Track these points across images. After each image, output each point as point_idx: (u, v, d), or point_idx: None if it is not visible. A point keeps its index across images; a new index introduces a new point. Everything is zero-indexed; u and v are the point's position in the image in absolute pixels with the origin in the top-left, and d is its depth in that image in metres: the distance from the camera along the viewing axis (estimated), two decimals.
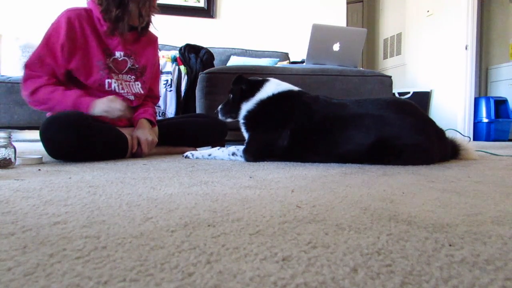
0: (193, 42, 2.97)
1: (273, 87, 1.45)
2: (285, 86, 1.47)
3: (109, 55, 1.53)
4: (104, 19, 1.48)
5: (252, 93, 1.46)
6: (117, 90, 1.55)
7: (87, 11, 1.49)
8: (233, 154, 1.46)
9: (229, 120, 1.57)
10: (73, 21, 1.45)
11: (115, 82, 1.53)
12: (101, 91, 1.51)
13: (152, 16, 1.60)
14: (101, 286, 0.31)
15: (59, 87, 1.42)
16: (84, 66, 1.48)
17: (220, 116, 1.59)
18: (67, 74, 1.49)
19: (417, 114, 1.31)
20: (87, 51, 1.48)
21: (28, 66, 1.41)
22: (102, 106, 1.41)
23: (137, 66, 1.62)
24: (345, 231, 0.48)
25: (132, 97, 1.61)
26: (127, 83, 1.59)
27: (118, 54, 1.56)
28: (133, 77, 1.62)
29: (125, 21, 1.48)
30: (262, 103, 1.42)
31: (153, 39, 1.74)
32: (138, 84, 1.63)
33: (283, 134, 1.35)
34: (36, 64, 1.41)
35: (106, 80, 1.51)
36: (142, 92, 1.65)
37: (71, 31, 1.44)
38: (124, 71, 1.58)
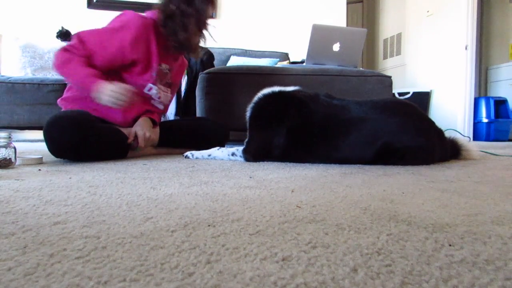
0: None
1: (266, 90, 1.47)
2: (278, 88, 1.47)
3: (160, 65, 1.60)
4: (169, 39, 1.54)
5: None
6: (153, 97, 1.64)
7: (154, 20, 1.54)
8: (233, 154, 1.47)
9: None
10: (143, 30, 1.49)
11: (156, 90, 1.62)
12: (139, 92, 1.56)
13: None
14: (101, 286, 0.31)
15: (84, 62, 1.41)
16: (141, 66, 1.54)
17: None
18: (116, 75, 1.53)
19: (417, 116, 1.31)
20: (149, 58, 1.54)
21: (80, 37, 1.42)
22: (109, 93, 1.35)
23: (170, 81, 1.72)
24: (345, 231, 0.48)
25: (162, 106, 1.72)
26: (164, 93, 1.70)
27: (164, 65, 1.63)
28: (169, 89, 1.73)
29: (191, 42, 1.57)
30: (256, 104, 1.44)
31: (185, 63, 1.87)
32: (169, 97, 1.76)
33: (279, 132, 1.35)
34: (88, 41, 1.42)
35: (149, 84, 1.59)
36: (168, 104, 1.79)
37: (139, 40, 1.48)
38: (163, 82, 1.67)
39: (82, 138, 1.29)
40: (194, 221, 0.52)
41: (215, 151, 1.52)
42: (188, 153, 1.56)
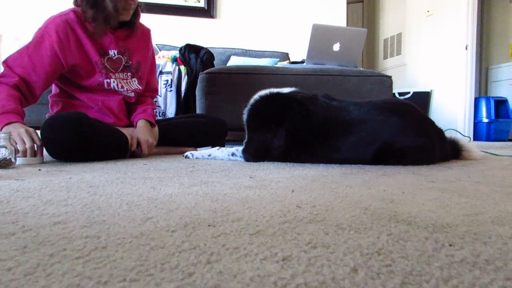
0: (193, 42, 2.97)
1: (263, 91, 1.46)
2: (276, 89, 1.46)
3: (103, 55, 1.51)
4: (85, 20, 1.44)
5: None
6: (116, 89, 1.56)
7: (75, 12, 1.45)
8: (233, 154, 1.47)
9: None
10: (65, 29, 1.41)
11: (114, 82, 1.54)
12: (101, 91, 1.52)
13: (139, 10, 1.57)
14: (101, 286, 0.31)
15: (7, 89, 1.32)
16: (84, 69, 1.47)
17: None
18: (62, 78, 1.49)
19: (417, 116, 1.31)
20: (83, 53, 1.46)
21: (7, 64, 1.36)
22: (14, 133, 1.23)
23: (131, 63, 1.61)
24: (345, 231, 0.48)
25: (132, 94, 1.63)
26: (125, 80, 1.59)
27: (112, 52, 1.54)
28: (129, 74, 1.61)
29: (101, 21, 1.43)
30: (253, 106, 1.43)
31: (146, 32, 1.70)
32: (135, 81, 1.63)
33: (278, 133, 1.35)
34: (15, 66, 1.36)
35: (105, 80, 1.52)
36: (140, 87, 1.66)
37: (66, 41, 1.41)
38: (120, 69, 1.57)
39: (79, 138, 1.27)
40: (194, 221, 0.52)
41: (215, 151, 1.52)
42: (188, 153, 1.56)
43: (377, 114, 1.27)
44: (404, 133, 1.25)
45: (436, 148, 1.30)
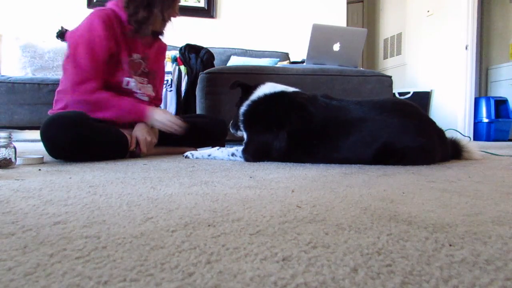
0: (193, 42, 2.97)
1: (266, 88, 1.45)
2: (279, 87, 1.45)
3: (129, 56, 1.58)
4: (129, 21, 1.51)
5: (246, 96, 1.47)
6: (134, 90, 1.61)
7: (113, 11, 1.52)
8: (233, 154, 1.46)
9: (239, 133, 1.54)
10: (108, 21, 1.48)
11: (133, 82, 1.60)
12: (119, 89, 1.56)
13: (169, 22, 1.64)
14: (101, 286, 0.31)
15: (109, 93, 1.48)
16: (115, 64, 1.53)
17: (231, 130, 1.60)
18: None
19: (418, 116, 1.31)
20: (118, 49, 1.53)
21: (81, 67, 1.43)
22: (162, 116, 1.52)
23: (148, 70, 1.68)
24: (345, 231, 0.48)
25: (146, 98, 1.68)
26: (142, 84, 1.66)
27: (136, 56, 1.61)
28: (146, 79, 1.68)
29: (149, 24, 1.53)
30: (254, 103, 1.42)
31: (163, 47, 1.81)
32: (150, 87, 1.70)
33: (279, 135, 1.34)
34: (89, 68, 1.44)
35: (126, 78, 1.57)
36: (153, 94, 1.73)
37: (110, 31, 1.47)
38: (138, 73, 1.64)
39: (79, 137, 1.28)
40: (194, 221, 0.52)
41: (215, 151, 1.52)
42: (188, 153, 1.56)
43: (377, 114, 1.27)
44: (404, 134, 1.24)
45: (436, 148, 1.30)
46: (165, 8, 1.53)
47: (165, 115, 1.54)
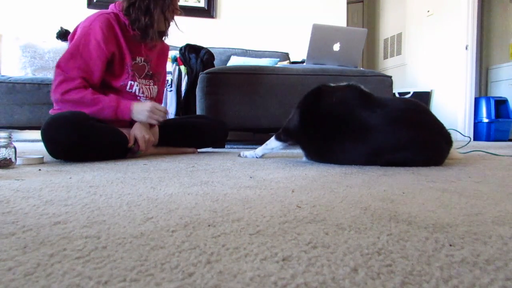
0: (193, 42, 2.97)
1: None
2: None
3: (133, 59, 1.58)
4: (133, 28, 1.51)
5: None
6: (137, 93, 1.61)
7: (115, 14, 1.52)
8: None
9: None
10: (108, 25, 1.47)
11: (137, 85, 1.60)
12: (120, 93, 1.56)
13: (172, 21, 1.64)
14: (101, 286, 0.31)
15: (89, 90, 1.44)
16: (118, 68, 1.53)
17: None
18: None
19: (430, 125, 1.25)
20: (121, 53, 1.53)
21: (62, 68, 1.42)
22: (145, 110, 1.48)
23: (151, 72, 1.68)
24: (345, 231, 0.48)
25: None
26: (147, 86, 1.66)
27: (139, 59, 1.61)
28: (151, 81, 1.68)
29: (155, 28, 1.52)
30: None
31: (166, 48, 1.80)
32: (155, 88, 1.71)
33: (296, 113, 1.37)
34: (71, 68, 1.42)
35: (130, 82, 1.57)
36: (156, 96, 1.74)
37: (109, 35, 1.47)
38: (143, 76, 1.64)
39: (79, 137, 1.28)
40: (194, 221, 0.52)
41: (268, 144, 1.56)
42: (241, 153, 1.63)
43: (387, 122, 1.20)
44: (411, 148, 1.20)
45: (444, 156, 1.28)
46: (165, 7, 1.53)
47: (142, 106, 1.49)
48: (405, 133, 1.20)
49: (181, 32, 1.67)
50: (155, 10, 1.49)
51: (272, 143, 1.49)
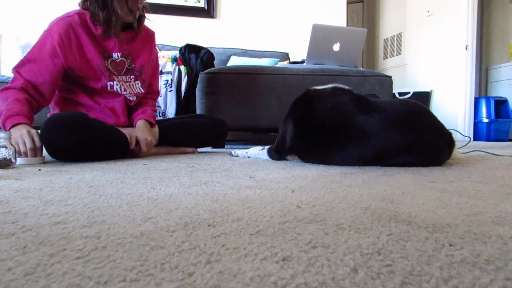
0: (193, 42, 2.97)
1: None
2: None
3: (107, 57, 1.53)
4: (94, 24, 1.47)
5: None
6: (119, 92, 1.57)
7: (80, 15, 1.47)
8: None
9: None
10: (67, 30, 1.44)
11: (117, 84, 1.56)
12: (104, 93, 1.54)
13: (144, 11, 1.58)
14: (101, 286, 0.31)
15: (13, 93, 1.36)
16: (85, 72, 1.49)
17: None
18: (66, 78, 1.50)
19: (429, 127, 1.23)
20: (85, 57, 1.48)
21: (15, 71, 1.42)
22: (18, 134, 1.25)
23: (133, 66, 1.63)
24: (345, 231, 0.48)
25: (134, 98, 1.64)
26: (128, 83, 1.61)
27: (116, 55, 1.55)
28: (132, 77, 1.62)
29: (114, 21, 1.45)
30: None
31: (150, 35, 1.71)
32: (138, 84, 1.65)
33: (288, 125, 1.34)
34: (22, 71, 1.41)
35: (109, 83, 1.53)
36: (143, 91, 1.68)
37: (66, 41, 1.43)
38: (123, 72, 1.59)
39: (79, 138, 1.27)
40: (194, 221, 0.52)
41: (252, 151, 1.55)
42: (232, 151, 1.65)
43: (385, 127, 1.18)
44: (410, 153, 1.20)
45: (444, 156, 1.28)
46: None
47: (16, 132, 1.25)
48: (404, 137, 1.19)
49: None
50: (112, 2, 1.42)
51: (264, 157, 1.50)
